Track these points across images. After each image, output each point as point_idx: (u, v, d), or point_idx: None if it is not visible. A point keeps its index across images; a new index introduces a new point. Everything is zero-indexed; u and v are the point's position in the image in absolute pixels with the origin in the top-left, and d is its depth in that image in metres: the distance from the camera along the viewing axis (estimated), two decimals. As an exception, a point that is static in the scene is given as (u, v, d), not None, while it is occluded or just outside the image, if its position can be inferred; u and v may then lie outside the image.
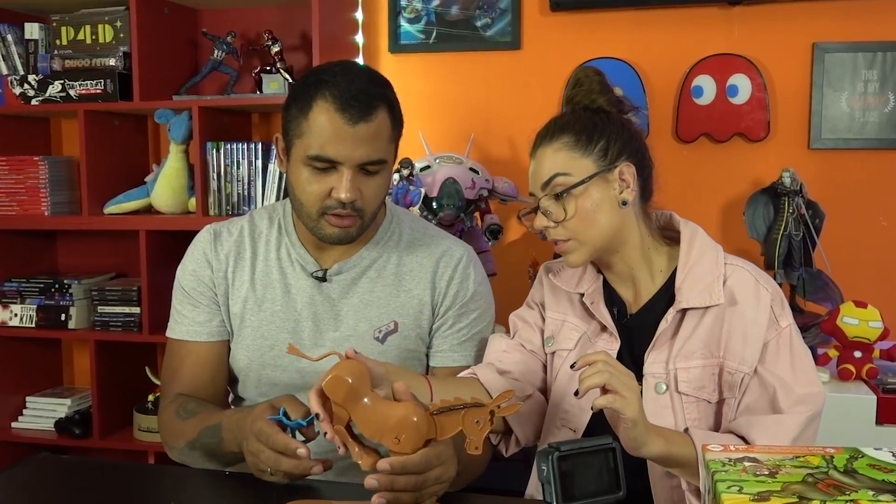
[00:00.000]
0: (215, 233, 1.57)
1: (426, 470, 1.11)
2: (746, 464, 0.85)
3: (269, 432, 1.20)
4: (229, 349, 1.58)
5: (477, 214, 2.53)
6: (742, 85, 2.54)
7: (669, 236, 1.45)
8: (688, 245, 1.39)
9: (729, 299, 1.34)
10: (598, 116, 1.39)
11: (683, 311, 1.35)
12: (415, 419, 1.09)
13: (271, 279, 1.53)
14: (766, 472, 0.83)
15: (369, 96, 1.36)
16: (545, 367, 1.51)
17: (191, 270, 1.56)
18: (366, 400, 1.12)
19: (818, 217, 2.33)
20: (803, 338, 2.18)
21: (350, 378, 1.11)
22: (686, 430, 1.27)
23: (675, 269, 1.38)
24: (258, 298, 1.53)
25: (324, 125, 1.35)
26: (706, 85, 2.56)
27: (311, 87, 1.37)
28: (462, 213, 2.40)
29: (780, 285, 2.33)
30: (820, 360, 2.21)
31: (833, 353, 2.19)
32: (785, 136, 2.55)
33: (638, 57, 2.61)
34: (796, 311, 2.37)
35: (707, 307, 1.34)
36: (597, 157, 1.35)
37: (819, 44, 2.50)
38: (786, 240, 2.30)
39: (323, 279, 1.51)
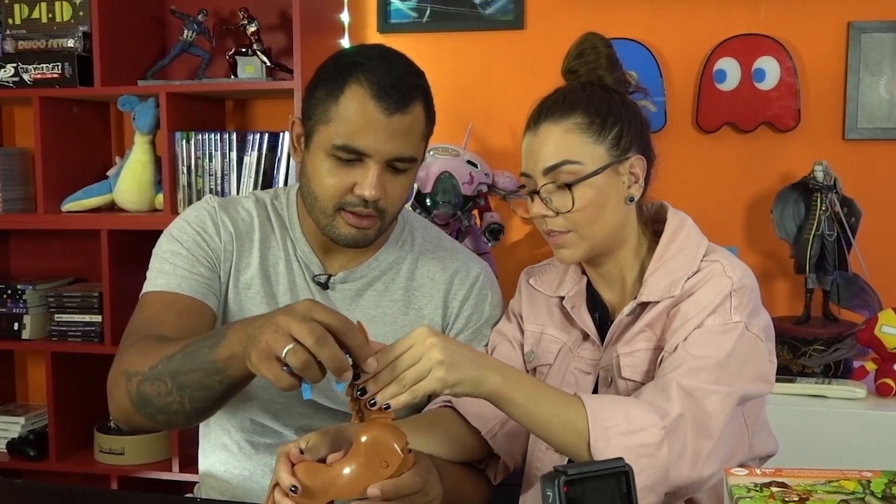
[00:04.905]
0: (221, 203, 1.51)
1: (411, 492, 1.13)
2: (774, 489, 0.85)
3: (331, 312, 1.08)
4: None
5: (475, 212, 2.53)
6: (770, 69, 2.54)
7: (658, 230, 1.43)
8: (669, 237, 1.38)
9: (687, 289, 1.32)
10: (612, 97, 1.37)
11: (644, 305, 1.35)
12: (375, 435, 1.10)
13: (278, 271, 1.50)
14: (796, 499, 0.83)
15: (408, 86, 1.35)
16: None
17: (195, 231, 1.47)
18: (325, 478, 1.13)
19: (854, 215, 2.33)
20: (836, 349, 2.22)
21: (311, 482, 1.12)
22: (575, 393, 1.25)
23: None
24: (266, 290, 1.48)
25: (356, 112, 1.33)
26: (730, 69, 2.56)
27: (345, 70, 1.36)
28: (459, 210, 2.40)
29: (812, 290, 2.34)
30: (856, 374, 2.21)
31: (870, 366, 2.19)
32: (817, 126, 2.55)
33: (654, 38, 2.61)
34: (830, 319, 2.37)
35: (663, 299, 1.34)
36: (610, 145, 1.34)
37: (855, 23, 2.50)
38: (818, 240, 2.30)
39: (325, 286, 1.50)
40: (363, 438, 1.11)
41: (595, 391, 1.40)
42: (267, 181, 2.61)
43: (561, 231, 1.35)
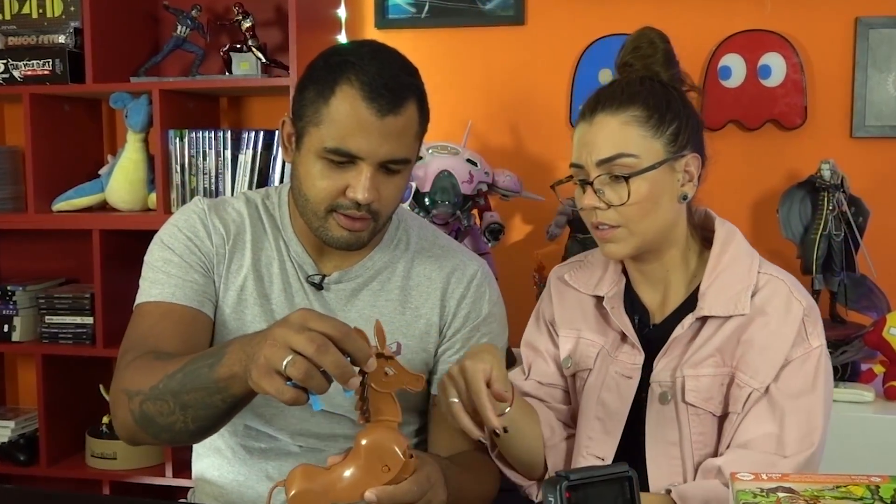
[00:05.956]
0: (210, 204, 1.51)
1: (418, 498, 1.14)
2: (781, 495, 0.85)
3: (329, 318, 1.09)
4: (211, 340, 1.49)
5: (475, 212, 2.53)
6: (775, 65, 2.54)
7: (704, 236, 1.45)
8: (721, 247, 1.39)
9: (756, 309, 1.34)
10: (670, 93, 1.38)
11: (704, 319, 1.36)
12: (375, 438, 1.11)
13: (271, 272, 1.50)
14: (804, 505, 0.82)
15: (401, 86, 1.35)
16: (567, 392, 1.51)
17: (185, 236, 1.47)
18: (324, 482, 1.13)
19: (862, 215, 2.32)
20: (844, 351, 2.21)
21: (310, 485, 1.12)
22: (668, 490, 1.27)
23: None
24: (260, 292, 1.48)
25: (347, 115, 1.33)
26: (735, 65, 2.56)
27: (335, 70, 1.35)
28: (458, 210, 2.39)
29: (819, 292, 2.34)
30: (864, 377, 2.20)
31: (879, 368, 2.19)
32: (824, 123, 2.55)
33: (657, 33, 2.61)
34: (837, 321, 2.37)
35: (730, 316, 1.34)
36: (667, 140, 1.35)
37: (863, 18, 2.50)
38: (825, 240, 2.30)
39: (319, 287, 1.49)
40: (363, 441, 1.11)
41: (636, 400, 1.40)
42: (262, 180, 2.61)
43: (611, 225, 1.35)
